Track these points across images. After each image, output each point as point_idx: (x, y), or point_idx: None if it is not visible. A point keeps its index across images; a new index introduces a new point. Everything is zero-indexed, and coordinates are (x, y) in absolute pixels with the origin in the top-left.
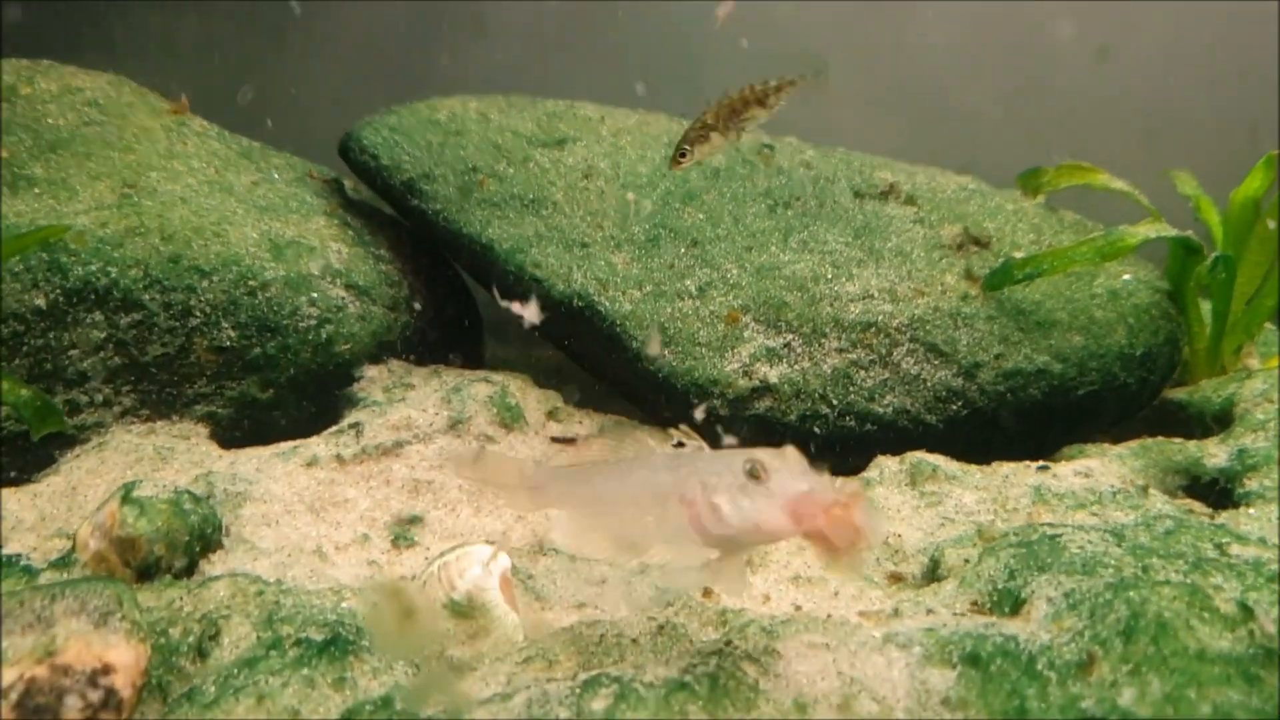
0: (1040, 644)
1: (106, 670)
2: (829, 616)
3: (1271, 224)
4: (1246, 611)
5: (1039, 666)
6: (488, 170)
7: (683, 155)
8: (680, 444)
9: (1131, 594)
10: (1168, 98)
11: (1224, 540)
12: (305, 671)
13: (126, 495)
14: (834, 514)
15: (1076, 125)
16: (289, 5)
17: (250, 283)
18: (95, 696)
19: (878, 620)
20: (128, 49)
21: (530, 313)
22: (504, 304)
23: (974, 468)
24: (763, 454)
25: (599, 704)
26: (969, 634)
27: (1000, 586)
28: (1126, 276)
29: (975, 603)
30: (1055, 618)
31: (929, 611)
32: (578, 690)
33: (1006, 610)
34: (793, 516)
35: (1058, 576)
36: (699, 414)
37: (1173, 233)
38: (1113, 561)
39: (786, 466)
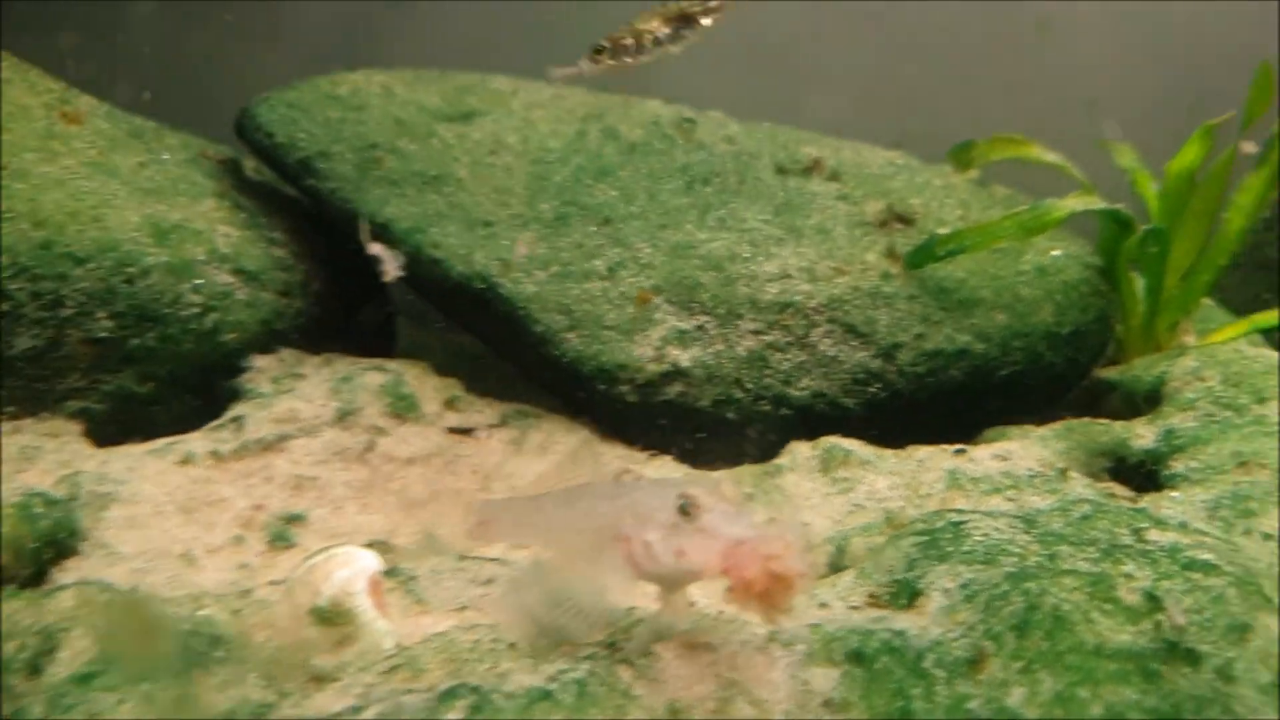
0: (930, 639)
1: None
2: (719, 613)
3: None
4: (1154, 601)
5: (926, 664)
6: (388, 147)
7: (599, 52)
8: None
9: (1030, 585)
10: (1110, 71)
11: (1142, 525)
12: (145, 687)
13: None
14: (768, 566)
15: (1016, 98)
16: None
17: (129, 269)
18: None
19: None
20: (21, 22)
21: (390, 264)
22: (370, 249)
23: (889, 452)
24: (696, 490)
25: (453, 715)
26: (855, 630)
27: (898, 577)
28: (1056, 252)
29: (872, 595)
30: (950, 611)
31: (822, 605)
32: (434, 701)
33: (903, 602)
34: (725, 563)
35: (957, 566)
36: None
37: (1102, 205)
38: (1017, 550)
39: (719, 505)
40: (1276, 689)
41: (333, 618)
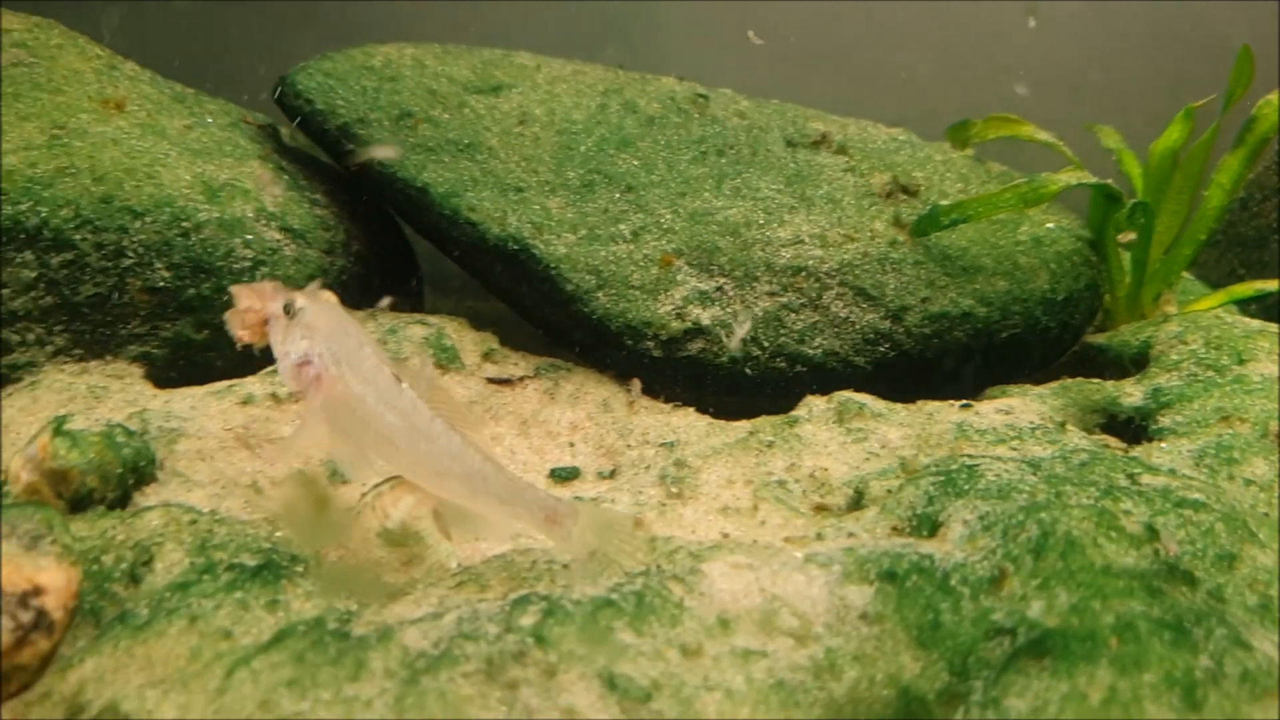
0: (955, 562)
1: (37, 592)
2: (754, 542)
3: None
4: (1152, 532)
5: (953, 582)
6: (423, 115)
7: None
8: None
9: (1043, 515)
10: (1097, 56)
11: (1136, 471)
12: (238, 595)
13: (58, 428)
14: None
15: (1008, 81)
16: None
17: (184, 224)
18: (26, 618)
19: (800, 545)
20: None
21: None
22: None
23: (900, 406)
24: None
25: (527, 620)
26: (886, 553)
27: (919, 512)
28: (1050, 224)
29: (895, 528)
30: (970, 538)
31: (850, 535)
32: (507, 608)
33: (925, 533)
34: (296, 378)
35: (974, 501)
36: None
37: (1093, 180)
38: (1027, 488)
39: (305, 318)
40: (1262, 609)
41: (401, 539)
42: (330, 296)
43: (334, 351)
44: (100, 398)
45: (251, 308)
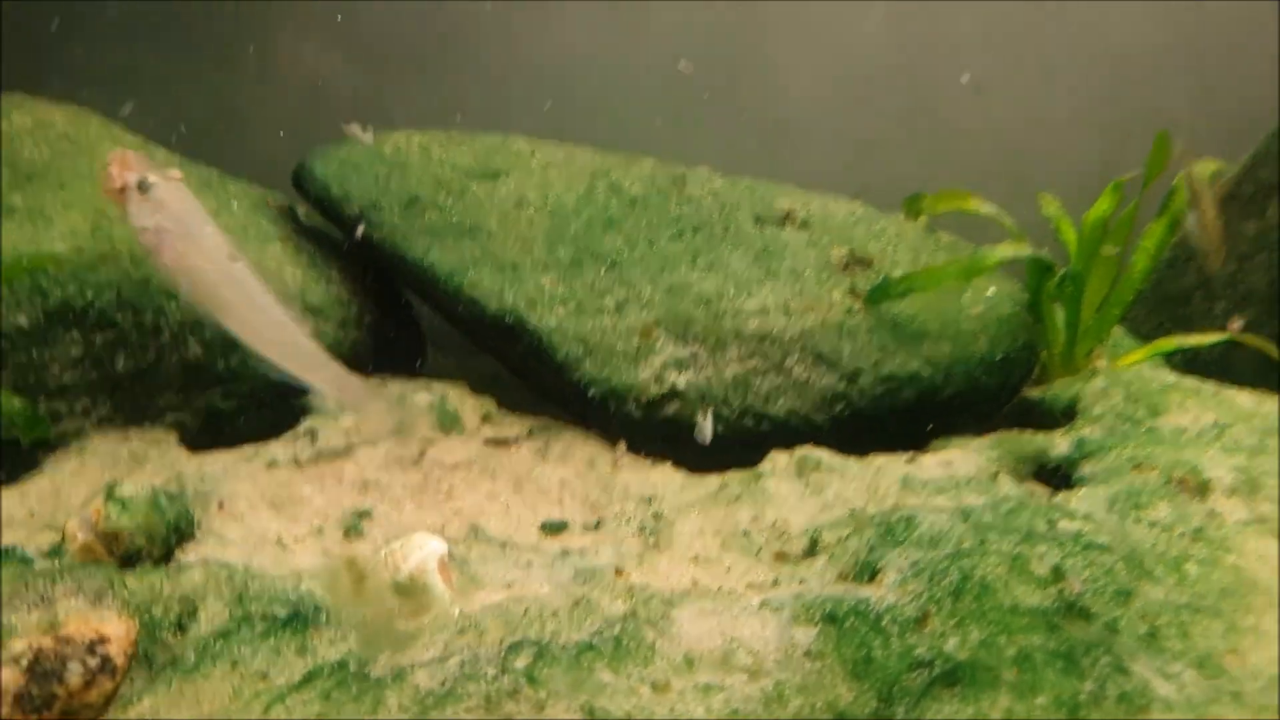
0: (887, 604)
1: (102, 640)
2: (719, 589)
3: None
4: (1058, 574)
5: (884, 623)
6: (429, 201)
7: None
8: None
9: (964, 561)
10: (1041, 128)
11: (1055, 517)
12: (272, 641)
13: (110, 493)
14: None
15: (961, 152)
16: (245, 42)
17: None
18: (93, 663)
19: (759, 590)
20: (86, 78)
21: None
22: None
23: (853, 460)
24: (147, 172)
25: (521, 662)
26: (829, 598)
27: (862, 559)
28: (991, 291)
29: (842, 574)
30: (902, 583)
31: (801, 582)
32: (503, 652)
33: (865, 579)
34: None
35: (908, 550)
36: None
37: (1027, 253)
38: (955, 537)
39: (155, 194)
40: (1149, 637)
41: (411, 591)
42: (177, 174)
43: (179, 227)
44: (141, 462)
45: (114, 175)
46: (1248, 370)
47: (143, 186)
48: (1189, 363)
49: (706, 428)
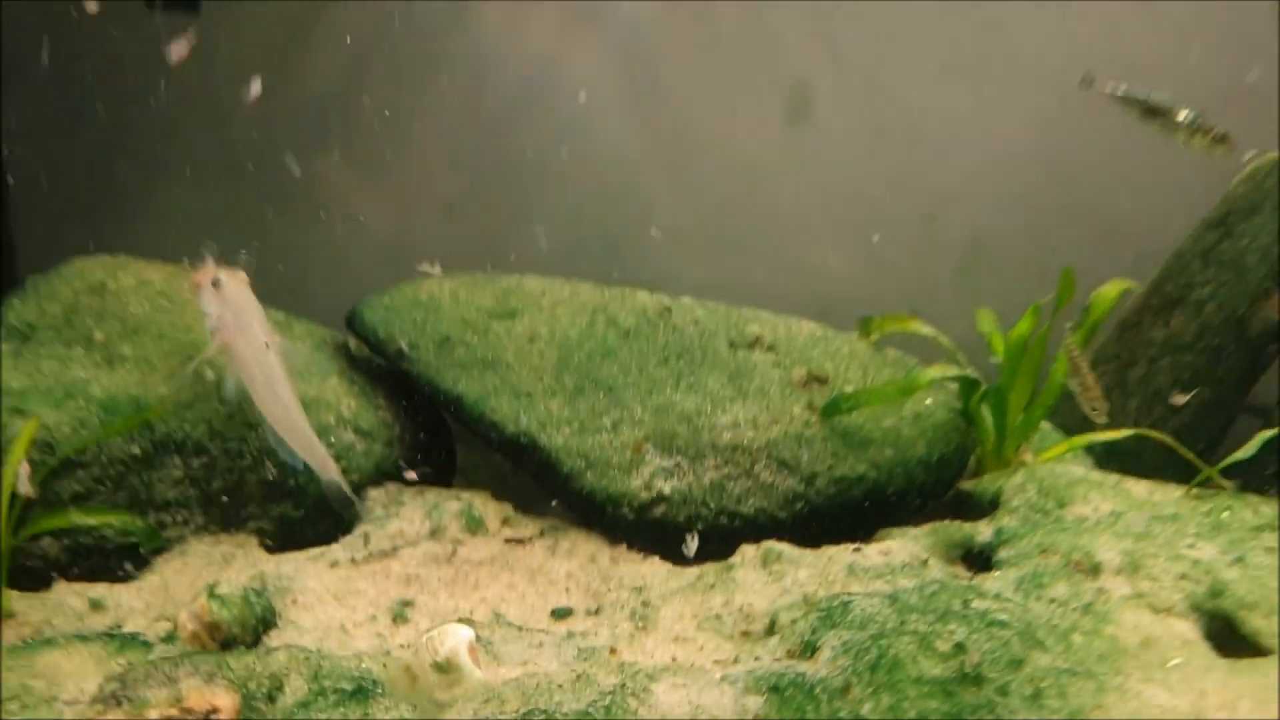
0: (820, 677)
1: (216, 710)
2: (692, 664)
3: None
4: (960, 648)
5: (816, 691)
6: (458, 339)
7: None
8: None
9: (883, 641)
10: (987, 246)
11: (970, 597)
12: (342, 710)
13: (211, 592)
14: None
15: (918, 272)
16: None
17: None
18: None
19: (723, 665)
20: (149, 221)
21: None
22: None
23: (808, 551)
24: (219, 272)
25: None
26: (776, 672)
27: (805, 639)
28: (928, 401)
29: (790, 651)
30: (833, 659)
31: (756, 659)
32: (519, 719)
33: (807, 656)
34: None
35: (842, 631)
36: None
37: (955, 372)
38: (880, 619)
39: (223, 291)
40: (1034, 697)
41: (447, 669)
42: (243, 275)
43: (234, 317)
44: (229, 562)
45: (199, 275)
46: (1157, 457)
47: (215, 283)
48: (1110, 451)
49: (692, 546)
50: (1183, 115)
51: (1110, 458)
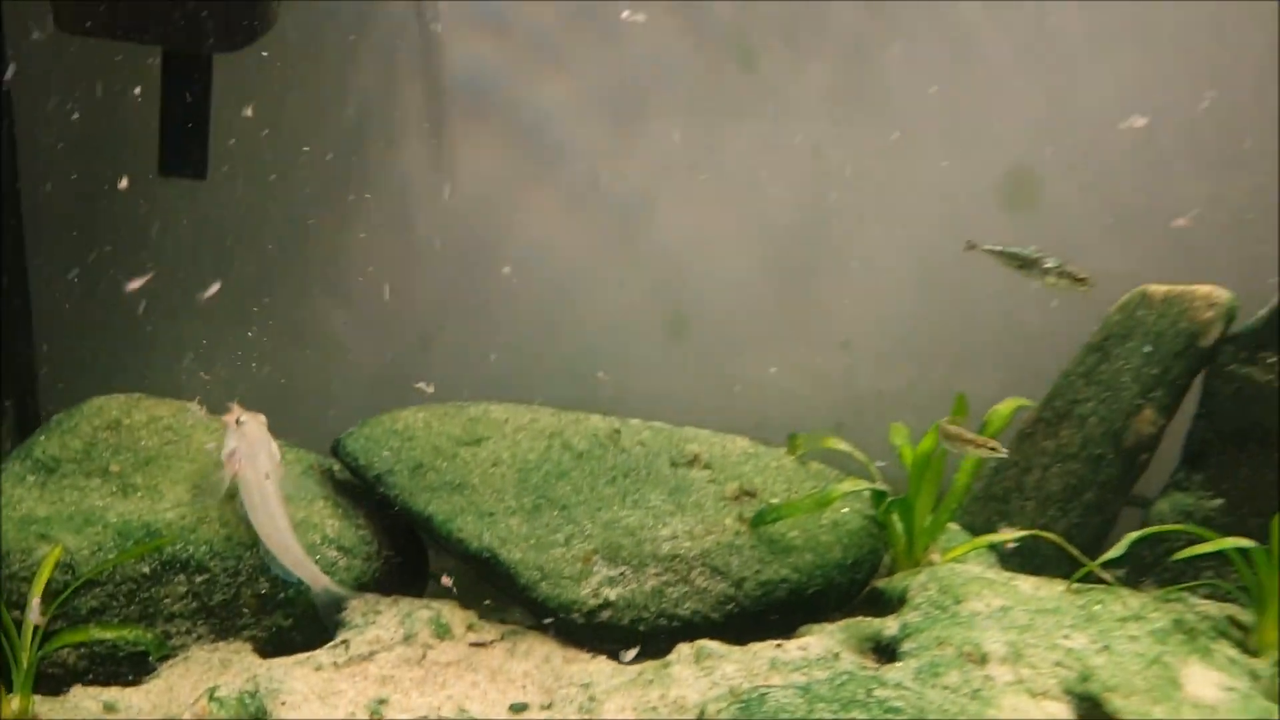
0: None
1: None
2: None
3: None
4: None
5: None
6: (429, 465)
7: None
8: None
9: None
10: (901, 379)
11: (873, 687)
12: None
13: (211, 694)
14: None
15: (846, 390)
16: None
17: None
18: None
19: None
20: (157, 358)
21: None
22: None
23: (737, 648)
24: (243, 414)
25: None
26: None
27: None
28: (844, 510)
29: None
30: None
31: None
32: None
33: None
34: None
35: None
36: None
37: (863, 487)
38: (791, 708)
39: (243, 429)
40: None
41: None
42: (261, 417)
43: (246, 451)
44: (226, 667)
45: (229, 414)
46: (1051, 554)
47: (239, 422)
48: (1012, 549)
49: (629, 655)
50: (1049, 263)
51: (1012, 554)
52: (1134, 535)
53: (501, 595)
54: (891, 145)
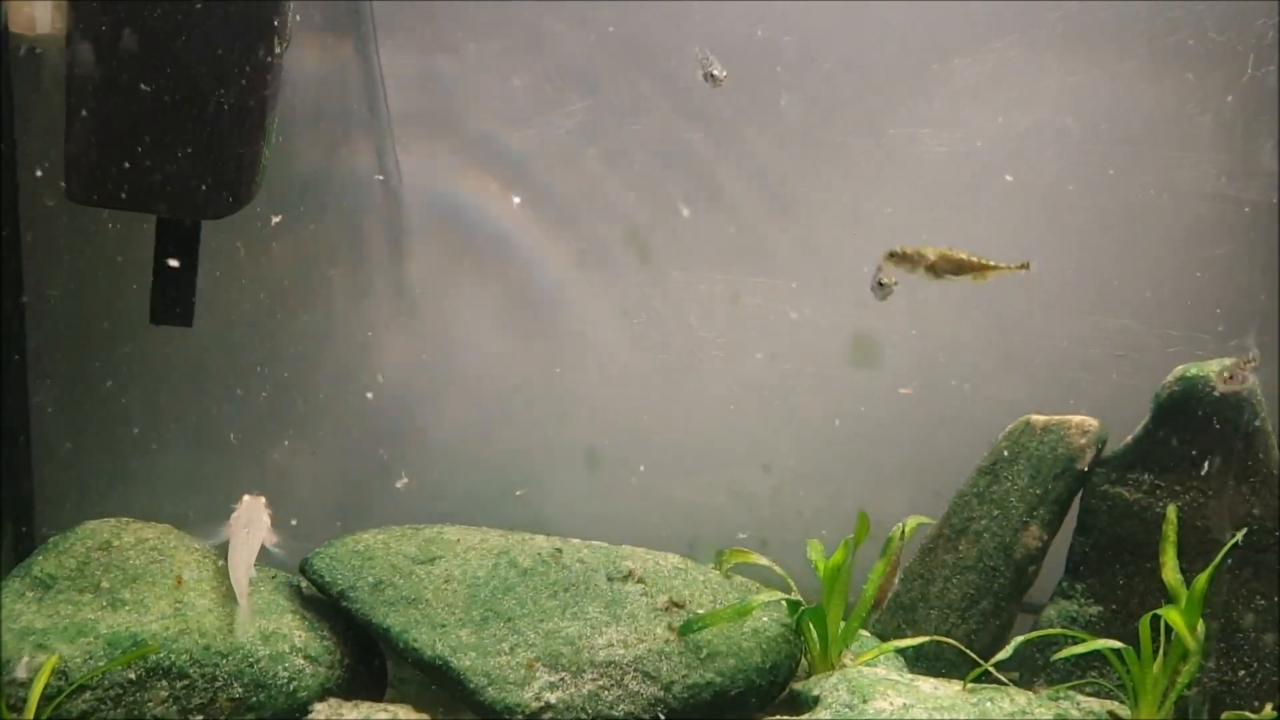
0: None
1: None
2: None
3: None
4: None
5: None
6: (388, 582)
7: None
8: None
9: None
10: (818, 499)
11: None
12: None
13: None
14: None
15: (773, 507)
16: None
17: (250, 659)
18: None
19: None
20: (142, 483)
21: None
22: None
23: None
24: (248, 500)
25: None
26: None
27: None
28: (764, 619)
29: None
30: None
31: None
32: None
33: None
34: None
35: None
36: None
37: (780, 596)
38: None
39: (245, 502)
40: None
41: None
42: (262, 499)
43: (242, 517)
44: None
45: (245, 501)
46: (953, 657)
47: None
48: (918, 653)
49: None
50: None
51: (919, 658)
52: (1020, 639)
53: (453, 700)
54: (793, 292)
